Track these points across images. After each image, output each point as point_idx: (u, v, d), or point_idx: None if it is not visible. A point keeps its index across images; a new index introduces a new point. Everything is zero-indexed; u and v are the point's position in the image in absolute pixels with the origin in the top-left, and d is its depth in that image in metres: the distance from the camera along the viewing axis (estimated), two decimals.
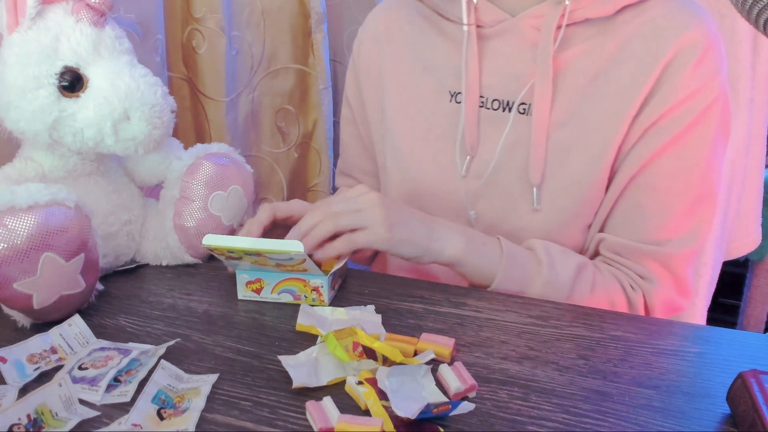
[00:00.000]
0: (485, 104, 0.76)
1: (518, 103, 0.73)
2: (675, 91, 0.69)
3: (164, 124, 0.70)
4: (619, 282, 0.73)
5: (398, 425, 0.46)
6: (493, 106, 0.75)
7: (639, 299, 0.73)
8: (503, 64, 0.75)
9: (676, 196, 0.72)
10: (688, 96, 0.69)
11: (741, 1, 0.48)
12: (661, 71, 0.69)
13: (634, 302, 0.73)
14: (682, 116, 0.69)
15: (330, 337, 0.54)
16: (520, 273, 0.70)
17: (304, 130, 1.27)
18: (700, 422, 0.48)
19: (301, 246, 0.59)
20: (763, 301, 1.38)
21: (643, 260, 0.73)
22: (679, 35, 0.69)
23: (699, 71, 0.69)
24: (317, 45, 1.20)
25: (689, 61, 0.68)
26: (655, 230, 0.72)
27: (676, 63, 0.69)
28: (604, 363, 0.56)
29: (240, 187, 0.77)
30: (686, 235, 0.73)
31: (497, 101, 0.75)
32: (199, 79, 1.12)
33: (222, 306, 0.66)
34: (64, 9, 0.66)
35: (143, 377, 0.53)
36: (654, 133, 0.70)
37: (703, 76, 0.69)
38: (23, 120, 0.66)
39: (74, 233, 0.59)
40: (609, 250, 0.75)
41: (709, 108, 0.70)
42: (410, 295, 0.68)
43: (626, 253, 0.74)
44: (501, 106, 0.75)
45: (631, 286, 0.74)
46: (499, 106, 0.75)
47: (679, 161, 0.71)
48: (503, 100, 0.75)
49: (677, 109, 0.69)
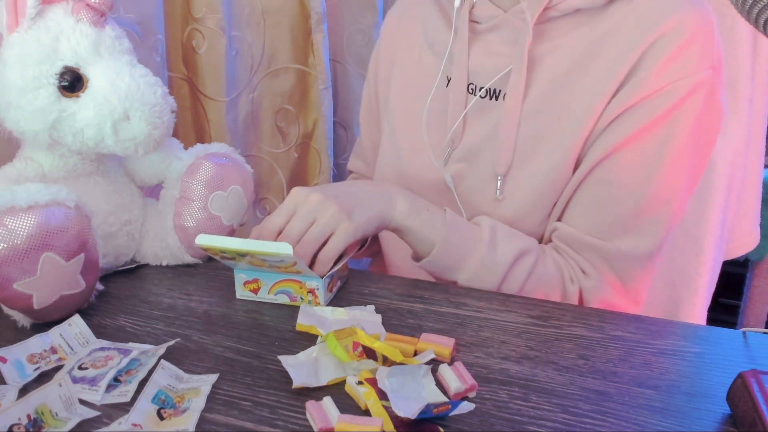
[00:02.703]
0: (475, 92, 0.77)
1: (493, 90, 0.75)
2: (646, 81, 0.66)
3: (164, 124, 0.70)
4: (561, 273, 0.72)
5: (398, 425, 0.46)
6: (482, 94, 0.76)
7: (575, 293, 0.72)
8: (492, 55, 0.76)
9: (631, 193, 0.69)
10: (658, 89, 0.65)
11: (741, 1, 0.48)
12: (637, 59, 0.66)
13: (570, 295, 0.72)
14: (649, 109, 0.66)
15: (330, 337, 0.54)
16: (459, 246, 0.70)
17: (304, 130, 1.27)
18: (700, 422, 0.48)
19: (290, 248, 0.59)
20: (763, 301, 1.38)
21: (588, 254, 0.72)
22: (661, 22, 0.65)
23: (676, 62, 0.65)
24: (317, 45, 1.20)
25: (666, 51, 0.65)
26: (606, 226, 0.71)
27: (652, 51, 0.66)
28: (604, 363, 0.56)
29: (240, 187, 0.77)
30: (636, 236, 0.70)
31: (484, 89, 0.76)
32: (199, 79, 1.12)
33: (222, 306, 0.66)
34: (64, 9, 0.66)
35: (143, 377, 0.53)
36: (619, 123, 0.68)
37: (681, 69, 0.65)
38: (23, 120, 0.66)
39: (74, 233, 0.59)
40: (559, 239, 0.74)
41: (681, 104, 0.66)
42: (410, 295, 0.68)
43: (574, 244, 0.72)
44: (488, 94, 0.76)
45: (570, 279, 0.72)
46: (486, 94, 0.76)
47: (638, 157, 0.68)
48: (490, 88, 0.76)
49: (645, 102, 0.66)
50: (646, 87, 0.66)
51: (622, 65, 0.67)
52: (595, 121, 0.69)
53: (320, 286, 0.65)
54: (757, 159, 1.14)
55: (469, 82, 0.77)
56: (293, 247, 0.60)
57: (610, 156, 0.69)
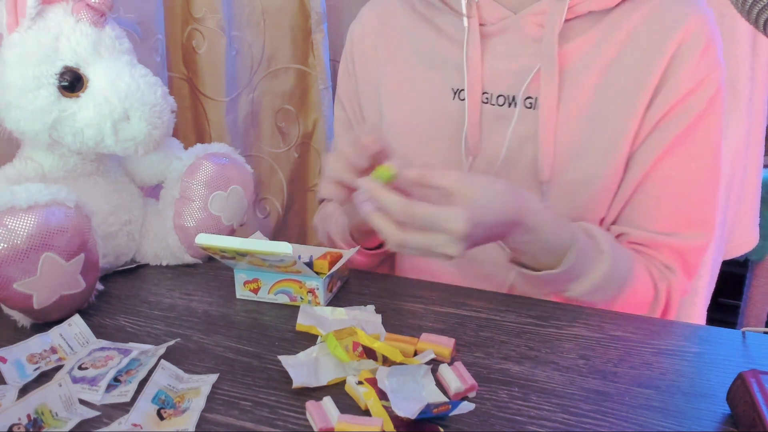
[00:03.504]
0: (490, 100, 0.75)
1: (523, 98, 0.73)
2: (683, 81, 0.69)
3: (164, 124, 0.70)
4: (651, 275, 0.73)
5: (398, 425, 0.46)
6: (498, 102, 0.75)
7: (664, 290, 0.73)
8: (507, 60, 0.74)
9: (692, 186, 0.72)
10: (695, 86, 0.69)
11: (741, 1, 0.48)
12: (667, 63, 0.69)
13: (660, 293, 0.73)
14: (691, 106, 0.70)
15: (330, 337, 0.54)
16: (585, 258, 0.65)
17: (304, 130, 1.27)
18: (700, 422, 0.48)
19: (290, 248, 0.59)
20: (763, 301, 1.38)
21: (664, 251, 0.73)
22: (680, 26, 0.69)
23: (704, 61, 0.69)
24: (317, 45, 1.20)
25: (694, 52, 0.69)
26: (671, 221, 0.73)
27: (681, 54, 0.69)
28: (604, 363, 0.56)
29: (240, 187, 0.77)
30: (699, 227, 0.73)
31: (502, 96, 0.74)
32: (199, 79, 1.12)
33: (222, 306, 0.66)
34: (64, 9, 0.66)
35: (143, 377, 0.53)
36: (666, 124, 0.71)
37: (708, 66, 0.70)
38: (23, 120, 0.66)
39: (74, 233, 0.59)
40: (634, 242, 0.74)
41: (715, 96, 0.71)
42: (410, 295, 0.68)
43: (650, 244, 0.74)
44: (507, 101, 0.74)
45: (659, 278, 0.73)
46: (504, 102, 0.74)
47: (693, 150, 0.72)
48: (508, 95, 0.74)
49: (687, 100, 0.70)
50: (684, 86, 0.70)
51: (654, 69, 0.70)
52: (637, 125, 0.71)
53: (320, 286, 0.65)
54: (756, 159, 1.14)
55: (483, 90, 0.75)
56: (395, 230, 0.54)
57: (666, 155, 0.71)
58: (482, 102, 0.75)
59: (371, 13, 0.86)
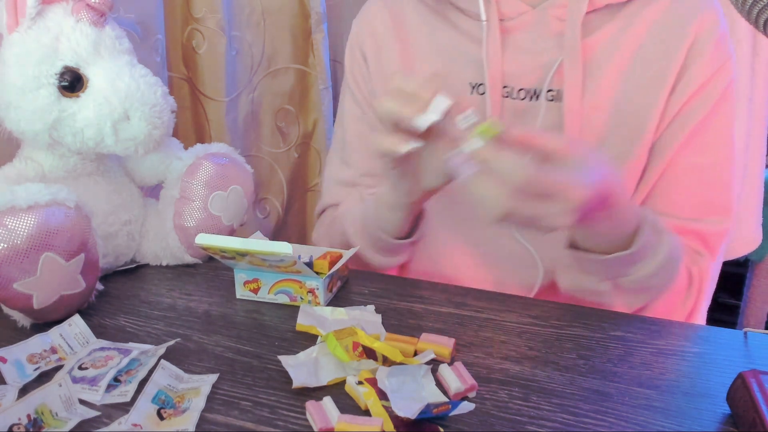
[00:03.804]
0: (511, 94, 0.75)
1: (546, 90, 0.73)
2: (701, 71, 0.71)
3: (164, 124, 0.70)
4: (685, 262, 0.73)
5: (398, 425, 0.46)
6: (520, 96, 0.74)
7: (697, 275, 0.73)
8: (527, 54, 0.74)
9: (712, 172, 0.73)
10: (712, 75, 0.71)
11: (741, 1, 0.48)
12: (686, 52, 0.71)
13: (694, 278, 0.73)
14: (710, 95, 0.71)
15: (330, 337, 0.54)
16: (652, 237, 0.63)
17: (304, 130, 1.27)
18: (700, 422, 0.48)
19: (290, 248, 0.60)
20: (763, 301, 1.38)
21: (692, 237, 0.74)
22: (696, 17, 0.71)
23: (718, 51, 0.71)
24: (317, 45, 1.20)
25: (710, 41, 0.70)
26: (695, 207, 0.73)
27: (698, 44, 0.71)
28: (604, 363, 0.56)
29: (240, 187, 0.77)
30: (722, 210, 0.74)
31: (523, 90, 0.74)
32: (199, 79, 1.12)
33: (222, 306, 0.66)
34: (64, 9, 0.66)
35: (143, 377, 0.53)
36: (687, 112, 0.72)
37: (722, 56, 0.71)
38: (23, 120, 0.66)
39: (74, 233, 0.59)
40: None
41: (729, 85, 0.72)
42: (410, 295, 0.68)
43: (677, 230, 0.73)
44: (528, 95, 0.74)
45: (692, 262, 0.74)
46: (526, 96, 0.74)
47: (711, 138, 0.72)
48: (530, 89, 0.74)
49: (705, 89, 0.71)
50: (703, 75, 0.71)
51: (674, 58, 0.71)
52: (660, 115, 0.72)
53: (320, 286, 0.65)
54: (757, 159, 1.14)
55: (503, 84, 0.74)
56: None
57: (688, 143, 0.72)
58: (503, 96, 0.75)
59: (379, 6, 0.85)
